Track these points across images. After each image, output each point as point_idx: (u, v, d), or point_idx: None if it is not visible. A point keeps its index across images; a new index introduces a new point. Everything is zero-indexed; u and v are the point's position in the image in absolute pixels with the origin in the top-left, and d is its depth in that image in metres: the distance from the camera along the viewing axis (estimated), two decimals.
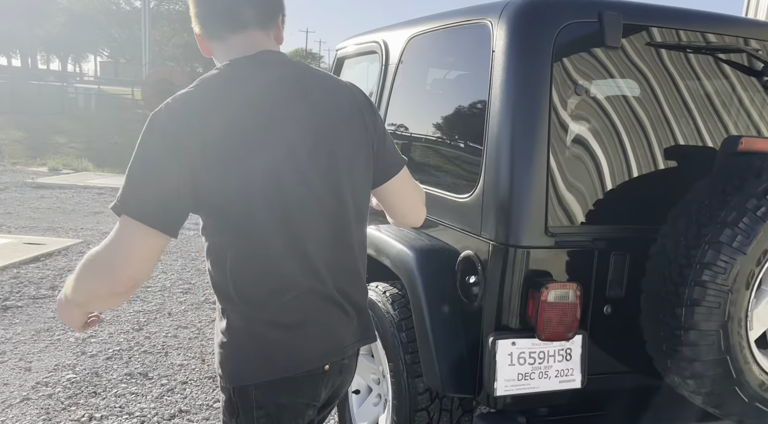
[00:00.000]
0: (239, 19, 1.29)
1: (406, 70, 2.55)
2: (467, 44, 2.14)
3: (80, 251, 5.62)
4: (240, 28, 1.29)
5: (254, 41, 1.30)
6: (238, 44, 1.29)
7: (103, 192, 8.72)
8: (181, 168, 1.15)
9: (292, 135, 1.24)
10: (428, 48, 2.46)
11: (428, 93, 2.54)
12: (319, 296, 1.30)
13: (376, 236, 2.40)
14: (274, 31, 1.35)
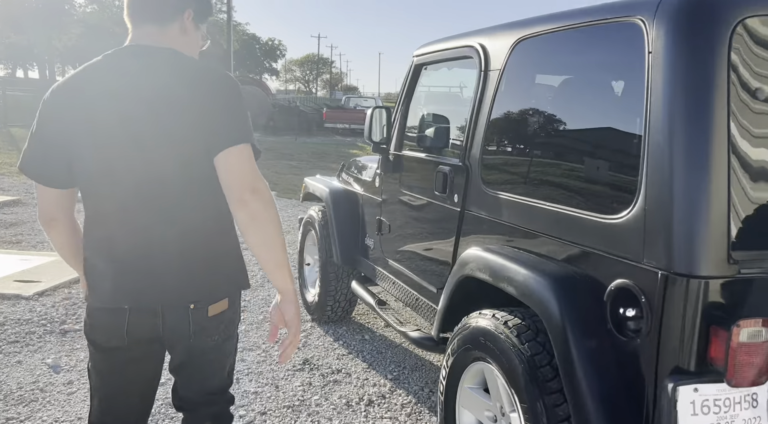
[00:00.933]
0: (133, 14, 1.57)
1: (512, 77, 2.34)
2: (607, 46, 1.92)
3: None
4: (135, 22, 1.58)
5: (141, 34, 1.57)
6: (131, 36, 1.58)
7: None
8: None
9: (106, 115, 1.49)
10: (542, 52, 2.24)
11: (546, 100, 2.32)
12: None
13: (491, 258, 2.19)
14: (174, 27, 1.58)
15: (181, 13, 1.60)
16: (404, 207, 3.19)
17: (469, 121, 2.56)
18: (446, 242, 2.73)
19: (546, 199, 2.08)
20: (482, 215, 2.44)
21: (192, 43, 1.66)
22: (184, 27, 1.62)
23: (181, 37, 1.61)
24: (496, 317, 2.11)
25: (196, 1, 1.63)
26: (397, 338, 4.12)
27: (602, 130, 1.98)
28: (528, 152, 2.31)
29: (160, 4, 1.57)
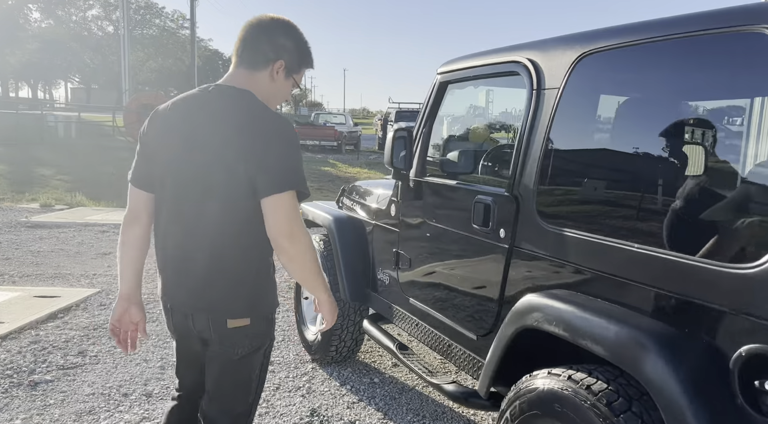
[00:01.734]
0: (234, 55, 1.82)
1: (576, 96, 2.05)
2: (719, 60, 1.63)
3: (101, 303, 4.97)
4: (234, 62, 1.83)
5: (234, 74, 1.81)
6: (228, 73, 1.82)
7: (105, 229, 8.04)
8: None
9: (175, 140, 1.76)
10: (617, 67, 1.95)
11: (629, 122, 2.01)
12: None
13: (567, 309, 1.87)
14: (264, 74, 1.80)
15: (272, 63, 1.81)
16: (429, 240, 2.86)
17: (517, 147, 2.26)
18: (489, 283, 2.41)
19: (637, 240, 1.77)
20: (540, 254, 2.13)
21: (278, 91, 1.85)
22: (273, 76, 1.82)
23: (268, 84, 1.82)
24: (574, 379, 1.79)
25: (289, 54, 1.82)
26: (409, 380, 3.76)
27: (718, 159, 1.69)
28: (609, 184, 2.01)
29: (254, 53, 1.80)
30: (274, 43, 1.79)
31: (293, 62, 1.83)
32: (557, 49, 2.15)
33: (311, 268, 1.79)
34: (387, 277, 3.28)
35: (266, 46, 1.79)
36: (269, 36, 1.79)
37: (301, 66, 1.87)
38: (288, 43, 1.81)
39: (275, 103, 1.86)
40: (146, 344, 4.18)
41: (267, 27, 1.80)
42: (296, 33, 1.84)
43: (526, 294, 2.17)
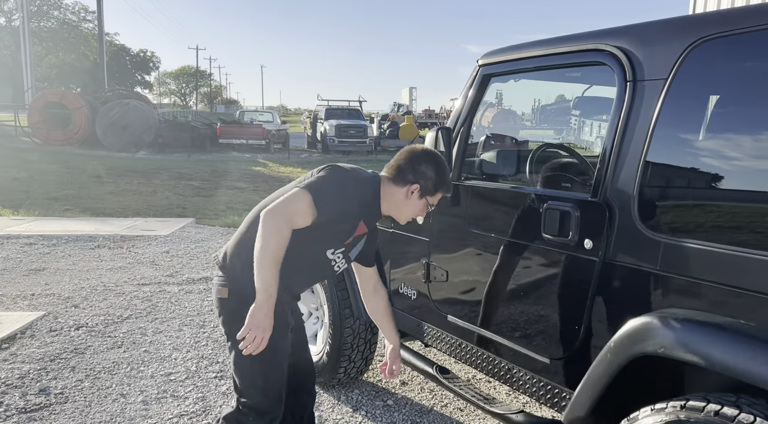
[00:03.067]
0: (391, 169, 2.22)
1: (692, 87, 1.82)
2: None
3: (51, 328, 4.33)
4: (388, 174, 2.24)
5: (383, 184, 2.20)
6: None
7: (33, 242, 7.19)
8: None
9: None
10: (744, 55, 1.73)
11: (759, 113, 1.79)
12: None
13: (707, 333, 1.63)
14: (402, 191, 2.16)
15: (409, 184, 2.15)
16: (474, 251, 2.57)
17: (608, 146, 2.00)
18: (568, 299, 2.15)
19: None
20: (646, 268, 1.89)
21: (410, 206, 2.18)
22: (408, 195, 2.16)
23: (403, 199, 2.16)
24: (726, 414, 1.55)
25: (425, 181, 2.14)
26: (425, 400, 3.45)
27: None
28: (739, 186, 1.78)
29: (400, 173, 2.15)
30: (418, 169, 2.13)
31: (428, 188, 2.14)
32: (659, 35, 1.92)
33: (263, 250, 1.91)
34: (413, 291, 2.96)
35: (410, 169, 2.13)
36: (414, 162, 2.14)
37: (436, 190, 2.17)
38: (429, 173, 2.13)
39: (406, 216, 2.21)
40: (118, 374, 3.64)
41: (416, 155, 2.15)
42: (437, 164, 2.15)
43: (629, 314, 1.92)
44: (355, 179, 2.10)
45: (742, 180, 1.78)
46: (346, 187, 2.05)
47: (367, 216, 2.17)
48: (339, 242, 2.16)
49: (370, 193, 2.13)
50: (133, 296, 5.28)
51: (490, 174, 2.74)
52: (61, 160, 15.56)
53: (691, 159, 1.87)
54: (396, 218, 2.23)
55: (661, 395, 1.95)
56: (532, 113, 3.38)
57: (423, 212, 2.21)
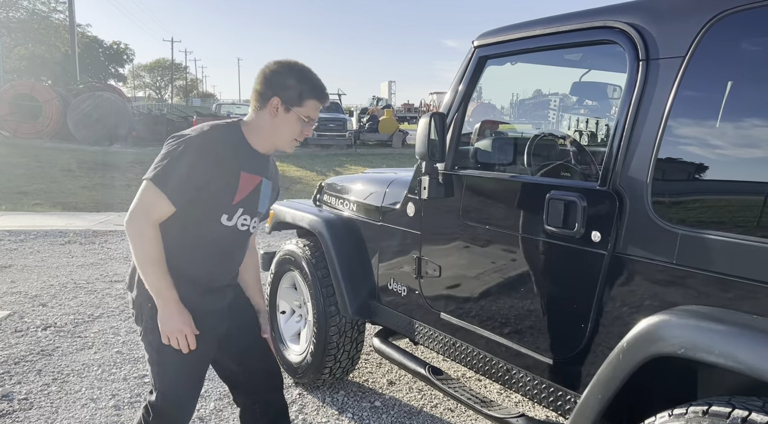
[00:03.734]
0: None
1: (713, 65, 1.68)
2: None
3: (16, 328, 4.09)
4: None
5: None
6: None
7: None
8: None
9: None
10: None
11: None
12: None
13: (734, 333, 1.50)
14: (264, 112, 1.96)
15: (267, 101, 1.94)
16: (469, 244, 2.41)
17: (619, 131, 1.86)
18: (573, 295, 2.01)
19: None
20: (659, 262, 1.75)
21: (282, 126, 1.97)
22: (273, 113, 1.95)
23: (270, 120, 1.96)
24: (756, 421, 1.42)
25: (285, 91, 1.93)
26: (414, 400, 3.30)
27: None
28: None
29: (256, 94, 1.97)
30: (271, 82, 1.93)
31: (291, 97, 1.93)
32: (676, 10, 1.77)
33: (137, 259, 1.86)
34: (403, 287, 2.80)
35: (265, 87, 1.93)
36: (268, 78, 1.94)
37: (302, 98, 1.94)
38: (287, 81, 1.93)
39: (285, 139, 1.99)
40: (88, 377, 3.43)
41: (266, 70, 1.95)
42: (296, 70, 1.95)
43: (641, 312, 1.79)
44: (201, 141, 1.86)
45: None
46: (189, 155, 1.82)
47: (243, 164, 1.95)
48: (227, 205, 1.94)
49: (228, 142, 1.92)
50: (105, 293, 5.05)
51: (487, 163, 2.59)
52: (31, 154, 15.08)
53: (712, 143, 1.73)
54: (281, 147, 2.02)
55: (672, 399, 1.82)
56: (525, 100, 3.23)
57: (300, 128, 1.97)
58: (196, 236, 1.94)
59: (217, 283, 2.04)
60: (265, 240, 7.30)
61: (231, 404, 3.17)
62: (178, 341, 1.89)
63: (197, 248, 1.96)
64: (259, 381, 2.19)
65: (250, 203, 2.00)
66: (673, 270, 1.72)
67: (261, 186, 2.02)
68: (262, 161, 2.03)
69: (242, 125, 1.99)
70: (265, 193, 2.05)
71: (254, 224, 2.07)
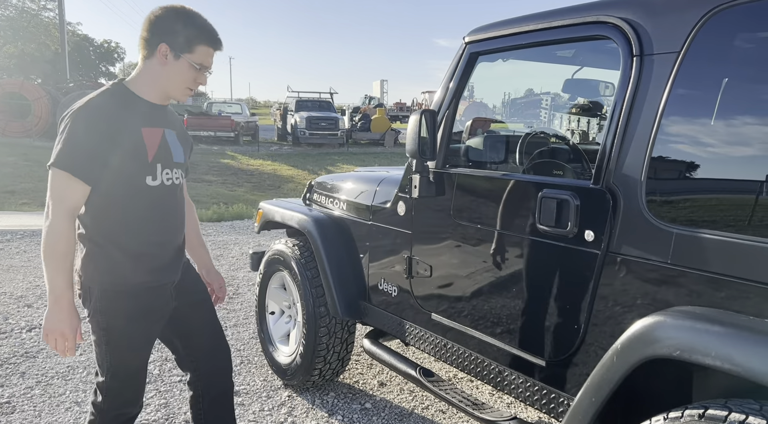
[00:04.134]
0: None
1: (709, 60, 1.64)
2: None
3: (0, 329, 4.01)
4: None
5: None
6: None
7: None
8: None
9: None
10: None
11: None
12: None
13: (734, 335, 1.46)
14: (152, 61, 1.87)
15: (154, 48, 1.85)
16: (462, 243, 2.37)
17: (612, 128, 1.82)
18: (566, 296, 1.97)
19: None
20: (654, 262, 1.71)
21: (174, 74, 1.88)
22: (162, 61, 1.85)
23: (160, 69, 1.86)
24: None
25: (172, 36, 1.83)
26: (404, 402, 3.26)
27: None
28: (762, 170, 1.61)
29: (143, 43, 1.87)
30: (157, 28, 1.83)
31: (179, 42, 1.83)
32: (670, 4, 1.74)
33: (45, 252, 1.79)
34: (393, 288, 2.76)
35: (151, 34, 1.83)
36: (154, 23, 1.84)
37: (192, 44, 1.85)
38: (174, 26, 1.83)
39: (178, 88, 1.91)
40: (73, 380, 3.36)
41: (151, 16, 1.84)
42: (183, 15, 1.85)
43: (635, 312, 1.76)
44: (88, 110, 1.77)
45: (766, 164, 1.61)
46: (81, 127, 1.75)
47: (139, 120, 1.86)
48: (144, 165, 1.87)
49: (116, 103, 1.83)
50: None
51: (479, 161, 2.55)
52: (20, 153, 14.92)
53: (707, 140, 1.69)
54: (174, 96, 1.93)
55: (666, 402, 1.79)
56: (517, 98, 3.19)
57: (193, 76, 1.88)
58: (129, 208, 1.87)
59: (166, 254, 1.98)
60: (255, 239, 7.23)
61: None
62: (56, 343, 1.83)
63: (136, 220, 1.89)
64: (204, 362, 2.17)
65: (164, 156, 1.92)
66: (667, 270, 1.68)
67: (166, 137, 1.94)
68: (160, 112, 1.94)
69: (130, 82, 1.89)
70: (173, 143, 1.97)
71: (178, 176, 1.99)
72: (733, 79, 1.64)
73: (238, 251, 6.64)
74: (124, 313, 1.89)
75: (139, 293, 1.91)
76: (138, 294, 1.91)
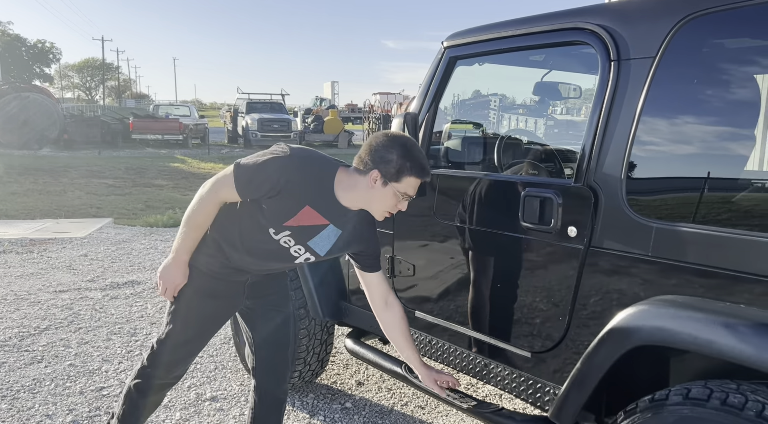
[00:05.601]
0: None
1: (682, 65, 1.76)
2: None
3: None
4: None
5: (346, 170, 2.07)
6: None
7: None
8: None
9: None
10: (740, 32, 1.69)
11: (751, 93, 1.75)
12: None
13: (712, 320, 1.58)
14: (363, 179, 2.00)
15: (369, 172, 1.97)
16: (444, 243, 2.44)
17: (592, 129, 1.92)
18: (550, 290, 2.06)
19: None
20: (635, 254, 1.82)
21: (376, 196, 2.00)
22: (371, 184, 1.97)
23: (366, 189, 1.99)
24: (733, 403, 1.49)
25: (386, 165, 1.94)
26: (384, 400, 3.31)
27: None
28: (732, 167, 1.73)
29: (359, 159, 2.00)
30: (376, 154, 1.95)
31: (390, 172, 1.94)
32: (646, 12, 1.85)
33: (186, 213, 2.08)
34: None
35: (370, 156, 1.96)
36: (375, 148, 1.96)
37: (401, 174, 1.95)
38: (390, 156, 1.93)
39: (377, 210, 2.04)
40: (41, 393, 3.26)
41: (374, 141, 1.98)
42: (401, 147, 1.95)
43: (618, 303, 1.86)
44: (299, 164, 1.96)
45: (736, 161, 1.74)
46: (282, 167, 1.94)
47: (314, 201, 2.00)
48: (277, 223, 2.03)
49: (316, 176, 1.99)
50: (51, 304, 4.81)
51: (458, 162, 2.63)
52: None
53: (682, 140, 1.81)
54: (372, 213, 2.07)
55: (642, 387, 1.90)
56: (489, 98, 3.28)
57: (394, 202, 2.00)
58: (245, 229, 2.08)
59: (243, 270, 2.20)
60: None
61: (198, 413, 3.09)
62: (163, 287, 2.13)
63: (241, 237, 2.10)
64: (263, 369, 2.40)
65: (301, 234, 2.06)
66: (648, 262, 1.79)
67: (324, 229, 2.07)
68: (340, 211, 2.05)
69: (338, 174, 2.01)
70: (327, 238, 2.09)
71: (306, 256, 2.13)
72: (705, 82, 1.77)
73: None
74: (194, 287, 2.14)
75: (213, 275, 2.15)
76: (212, 276, 2.15)
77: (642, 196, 1.83)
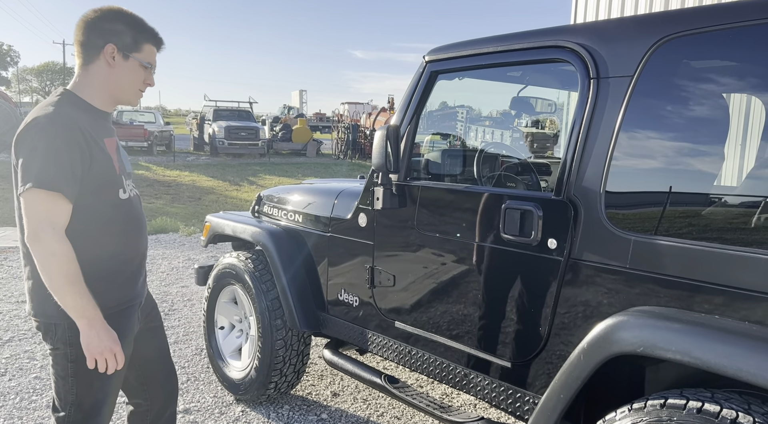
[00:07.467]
0: (76, 58, 1.83)
1: (658, 84, 1.83)
2: None
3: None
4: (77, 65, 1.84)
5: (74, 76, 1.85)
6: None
7: None
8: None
9: None
10: (713, 54, 1.77)
11: (720, 112, 1.82)
12: None
13: (691, 330, 1.64)
14: (98, 65, 1.79)
15: (100, 50, 1.77)
16: (425, 254, 2.47)
17: (572, 144, 1.98)
18: (530, 301, 2.10)
19: (753, 243, 1.59)
20: (613, 267, 1.87)
21: (123, 76, 1.81)
22: (110, 62, 1.78)
23: (108, 72, 1.79)
24: (709, 411, 1.55)
25: (118, 36, 1.77)
26: (359, 410, 3.31)
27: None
28: (707, 183, 1.80)
29: (84, 47, 1.78)
30: (99, 30, 1.76)
31: (127, 42, 1.79)
32: (623, 33, 1.92)
33: (57, 281, 1.66)
34: (354, 298, 2.81)
35: (92, 36, 1.76)
36: (93, 25, 1.77)
37: (139, 42, 1.82)
38: (117, 26, 1.77)
39: (130, 90, 1.85)
40: (5, 407, 3.16)
41: (87, 18, 1.78)
42: (123, 15, 1.80)
43: (597, 314, 1.91)
44: (58, 121, 1.66)
45: (712, 176, 1.82)
46: (57, 140, 1.63)
47: (100, 130, 1.79)
48: (114, 178, 1.80)
49: (79, 112, 1.74)
50: (13, 315, 4.67)
51: (438, 174, 2.66)
52: None
53: (659, 155, 1.88)
54: (126, 100, 1.86)
55: (619, 396, 1.95)
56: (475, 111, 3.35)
57: (143, 77, 1.84)
58: (105, 225, 1.79)
59: (138, 269, 1.92)
60: (183, 253, 7.03)
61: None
62: (107, 363, 1.73)
63: (112, 237, 1.81)
64: (156, 389, 2.12)
65: (122, 167, 1.86)
66: (626, 273, 1.85)
67: (118, 145, 1.89)
68: (108, 120, 1.86)
69: (75, 90, 1.78)
70: (122, 153, 1.91)
71: (133, 186, 1.94)
72: (679, 101, 1.84)
73: (167, 265, 6.43)
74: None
75: (111, 316, 1.79)
76: (110, 318, 1.78)
77: (620, 210, 1.89)
